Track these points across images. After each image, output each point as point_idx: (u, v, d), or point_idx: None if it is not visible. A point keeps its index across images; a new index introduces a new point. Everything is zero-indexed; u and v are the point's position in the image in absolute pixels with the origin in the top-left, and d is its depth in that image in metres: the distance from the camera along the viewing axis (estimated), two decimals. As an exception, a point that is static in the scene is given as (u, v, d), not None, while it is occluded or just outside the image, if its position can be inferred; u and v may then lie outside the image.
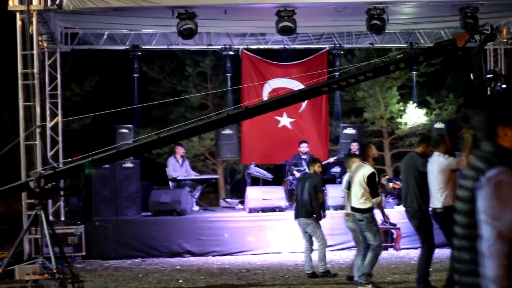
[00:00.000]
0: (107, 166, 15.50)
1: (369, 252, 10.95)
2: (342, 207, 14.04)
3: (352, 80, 12.34)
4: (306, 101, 19.66)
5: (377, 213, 11.38)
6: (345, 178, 11.88)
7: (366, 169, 10.96)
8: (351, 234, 12.12)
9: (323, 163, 16.05)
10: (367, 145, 11.93)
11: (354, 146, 17.67)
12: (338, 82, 12.68)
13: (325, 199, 15.73)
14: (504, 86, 11.46)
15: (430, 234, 10.35)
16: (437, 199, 10.06)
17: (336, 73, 16.09)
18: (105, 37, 18.35)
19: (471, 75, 11.71)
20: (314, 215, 12.41)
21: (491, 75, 11.63)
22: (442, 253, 10.46)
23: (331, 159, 18.57)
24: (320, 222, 12.56)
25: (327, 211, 13.37)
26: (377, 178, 11.00)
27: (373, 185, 10.88)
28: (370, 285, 10.99)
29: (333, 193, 16.12)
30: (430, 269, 10.58)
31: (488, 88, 11.42)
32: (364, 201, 10.92)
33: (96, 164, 12.18)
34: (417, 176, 10.47)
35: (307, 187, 12.42)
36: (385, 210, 12.43)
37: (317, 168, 12.60)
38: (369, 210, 10.91)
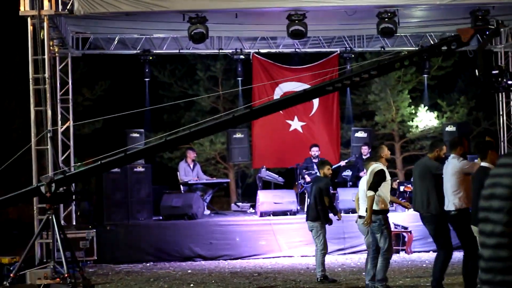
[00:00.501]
0: (118, 170, 15.57)
1: (379, 258, 10.84)
2: (353, 211, 13.98)
3: (357, 78, 12.25)
4: (317, 105, 19.69)
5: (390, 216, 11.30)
6: (362, 181, 11.73)
7: (377, 168, 10.81)
8: (363, 238, 12.07)
9: (334, 166, 15.99)
10: (379, 146, 11.78)
11: (365, 150, 17.64)
12: (342, 81, 12.60)
13: (336, 202, 15.70)
14: (510, 82, 11.37)
15: (448, 240, 10.21)
16: (451, 202, 9.96)
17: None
18: (116, 41, 18.37)
19: (476, 71, 11.63)
20: (320, 219, 12.31)
21: (497, 71, 11.55)
22: (454, 256, 10.36)
23: (342, 163, 18.50)
24: (332, 225, 12.48)
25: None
26: (387, 177, 10.84)
27: (374, 178, 10.71)
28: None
29: (344, 197, 16.09)
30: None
31: (494, 84, 11.35)
32: (376, 203, 10.80)
33: (105, 168, 12.19)
34: (432, 180, 10.29)
35: (313, 191, 12.37)
36: (394, 213, 12.30)
37: (326, 170, 12.44)
38: (382, 212, 10.79)
